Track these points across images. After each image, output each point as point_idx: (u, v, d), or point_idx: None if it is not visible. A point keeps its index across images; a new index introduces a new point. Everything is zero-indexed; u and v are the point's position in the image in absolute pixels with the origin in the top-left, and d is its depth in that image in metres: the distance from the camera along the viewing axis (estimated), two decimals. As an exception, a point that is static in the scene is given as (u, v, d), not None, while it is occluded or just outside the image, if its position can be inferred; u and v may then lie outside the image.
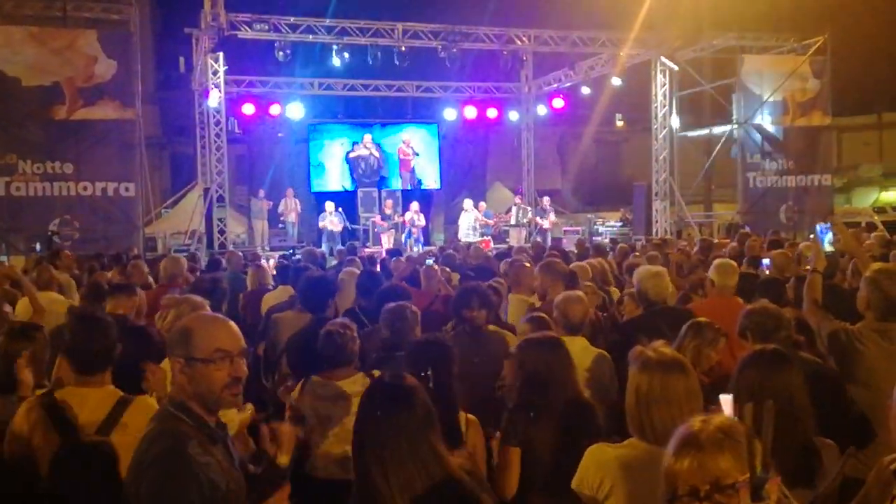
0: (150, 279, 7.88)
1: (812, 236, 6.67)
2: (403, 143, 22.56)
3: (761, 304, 4.08)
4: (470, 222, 19.62)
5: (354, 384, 4.00)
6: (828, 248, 4.76)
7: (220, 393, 2.40)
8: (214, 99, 16.58)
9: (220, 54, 16.34)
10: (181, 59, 19.86)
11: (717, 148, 20.48)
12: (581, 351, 4.41)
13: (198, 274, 8.56)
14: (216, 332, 2.46)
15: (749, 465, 1.83)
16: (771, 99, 19.14)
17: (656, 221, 19.44)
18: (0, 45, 14.56)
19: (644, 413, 2.69)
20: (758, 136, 19.36)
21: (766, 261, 6.85)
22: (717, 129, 20.90)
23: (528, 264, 6.90)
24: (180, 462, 2.26)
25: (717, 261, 5.61)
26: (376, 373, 4.14)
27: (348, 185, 22.16)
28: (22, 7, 16.41)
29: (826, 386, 3.53)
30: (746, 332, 3.85)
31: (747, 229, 15.00)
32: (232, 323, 2.51)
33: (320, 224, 19.10)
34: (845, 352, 3.85)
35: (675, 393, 2.68)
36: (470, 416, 3.55)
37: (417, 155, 22.69)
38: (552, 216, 20.47)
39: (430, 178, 23.49)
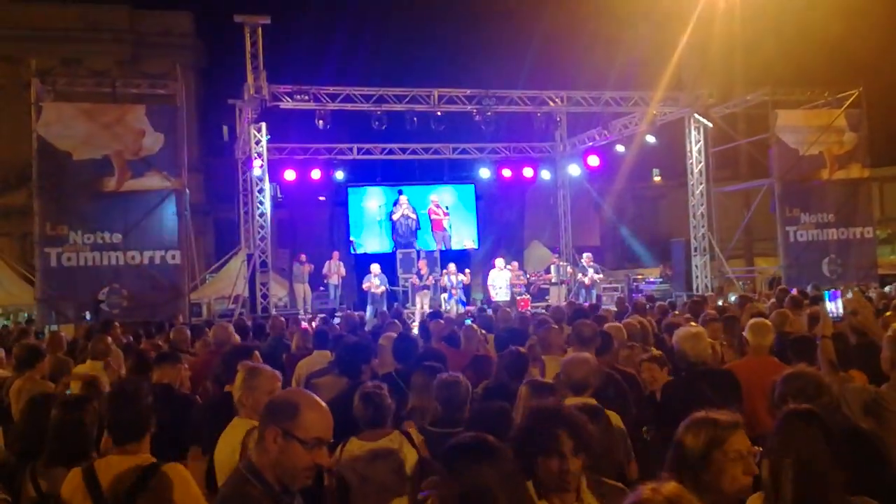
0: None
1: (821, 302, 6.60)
2: (432, 203, 22.88)
3: (799, 370, 3.99)
4: (505, 281, 19.56)
5: (392, 442, 4.13)
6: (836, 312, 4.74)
7: (301, 473, 2.51)
8: (257, 167, 17.06)
9: (263, 124, 16.85)
10: (224, 129, 20.53)
11: (756, 202, 20.39)
12: None
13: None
14: (321, 419, 2.57)
15: None
16: (807, 153, 19.07)
17: (696, 277, 19.34)
18: (53, 121, 15.14)
19: None
20: (796, 190, 19.24)
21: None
22: (755, 184, 20.82)
23: (555, 326, 6.97)
24: None
25: (751, 321, 5.62)
26: (412, 429, 4.25)
27: (387, 247, 22.47)
28: (74, 84, 17.21)
29: (862, 446, 3.51)
30: (787, 397, 3.71)
31: (785, 285, 14.88)
32: (329, 411, 2.62)
33: (364, 286, 19.27)
34: (876, 416, 3.83)
35: None
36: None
37: (448, 215, 22.97)
38: (594, 273, 20.39)
39: (468, 238, 23.69)
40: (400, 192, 22.78)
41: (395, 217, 22.42)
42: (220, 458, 3.87)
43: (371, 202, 23.24)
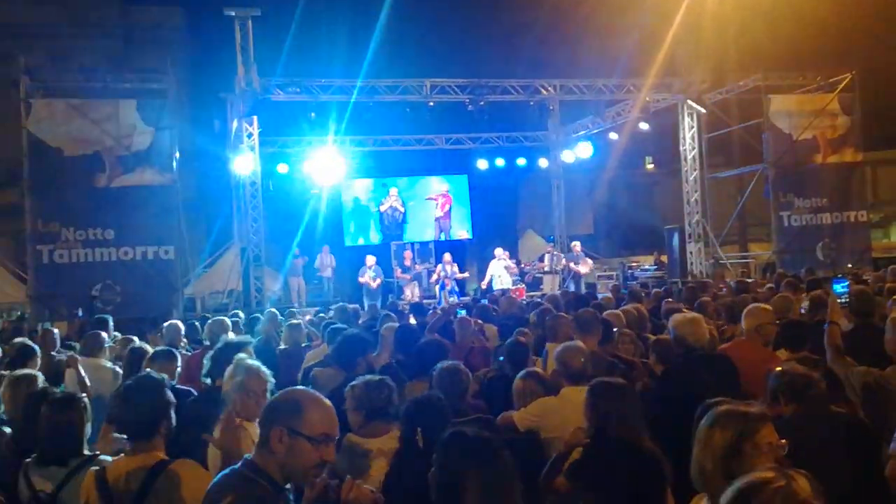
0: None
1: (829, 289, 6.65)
2: (441, 193, 23.02)
3: (791, 366, 4.04)
4: (503, 270, 19.55)
5: (392, 440, 4.05)
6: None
7: (307, 471, 2.47)
8: (249, 161, 16.96)
9: (255, 118, 16.75)
10: (216, 123, 20.35)
11: (749, 188, 20.39)
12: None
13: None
14: (326, 415, 2.54)
15: None
16: (801, 137, 19.05)
17: (691, 264, 19.33)
18: (43, 117, 15.01)
19: None
20: (789, 175, 19.22)
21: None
22: (748, 169, 20.81)
23: (564, 314, 6.94)
24: None
25: (748, 307, 5.62)
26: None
27: (377, 240, 22.53)
28: (63, 80, 17.04)
29: (859, 438, 3.53)
30: (778, 394, 3.80)
31: (782, 270, 14.88)
32: (332, 407, 2.58)
33: (360, 279, 19.23)
34: (878, 398, 3.85)
35: None
36: None
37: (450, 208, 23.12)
38: (589, 262, 20.35)
39: (462, 229, 23.68)
40: (389, 185, 22.79)
41: (382, 209, 22.48)
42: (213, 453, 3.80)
43: (362, 194, 23.22)
